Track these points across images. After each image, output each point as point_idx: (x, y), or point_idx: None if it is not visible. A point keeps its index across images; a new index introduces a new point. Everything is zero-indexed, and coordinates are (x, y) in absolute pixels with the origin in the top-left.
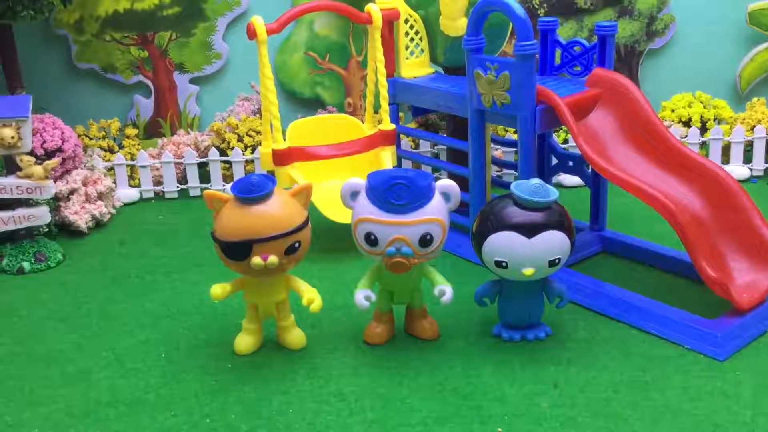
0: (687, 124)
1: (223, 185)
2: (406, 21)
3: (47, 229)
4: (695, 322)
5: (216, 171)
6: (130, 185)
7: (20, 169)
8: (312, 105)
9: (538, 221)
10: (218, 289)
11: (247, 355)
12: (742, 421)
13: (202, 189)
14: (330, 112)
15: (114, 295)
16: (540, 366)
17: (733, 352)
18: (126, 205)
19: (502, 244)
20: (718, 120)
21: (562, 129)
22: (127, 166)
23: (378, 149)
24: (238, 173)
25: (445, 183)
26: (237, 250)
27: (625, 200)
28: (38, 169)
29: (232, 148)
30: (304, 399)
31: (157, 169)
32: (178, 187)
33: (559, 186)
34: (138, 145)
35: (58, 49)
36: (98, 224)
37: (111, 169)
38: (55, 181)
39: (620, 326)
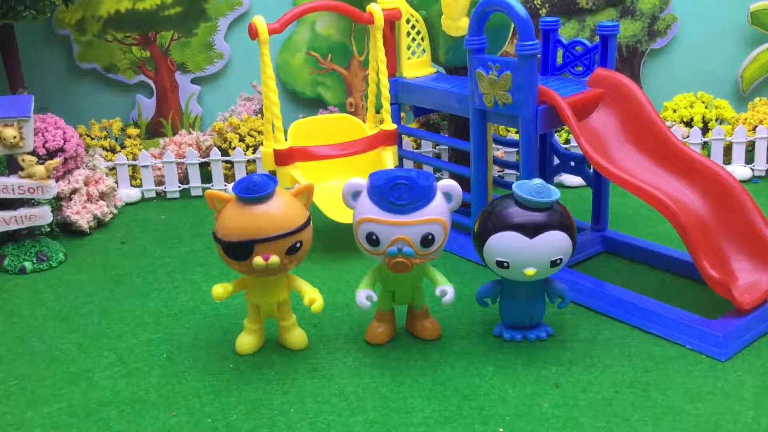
0: (689, 124)
1: (225, 185)
2: (408, 21)
3: (49, 229)
4: (697, 322)
5: (218, 171)
6: (132, 185)
7: (22, 169)
8: (313, 105)
9: (539, 221)
10: (220, 289)
11: (248, 354)
12: (743, 421)
13: (204, 189)
14: (331, 112)
15: (115, 295)
16: (541, 366)
17: (734, 353)
18: (128, 204)
19: (503, 244)
20: (720, 120)
21: (563, 129)
22: (129, 165)
23: (379, 149)
24: (240, 173)
25: (447, 183)
26: (238, 250)
27: (626, 200)
28: (40, 169)
29: (234, 148)
30: (305, 399)
31: (159, 169)
32: (179, 187)
33: (560, 186)
34: (140, 144)
35: (59, 49)
36: (100, 224)
37: (113, 168)
38: (56, 181)
39: (622, 326)
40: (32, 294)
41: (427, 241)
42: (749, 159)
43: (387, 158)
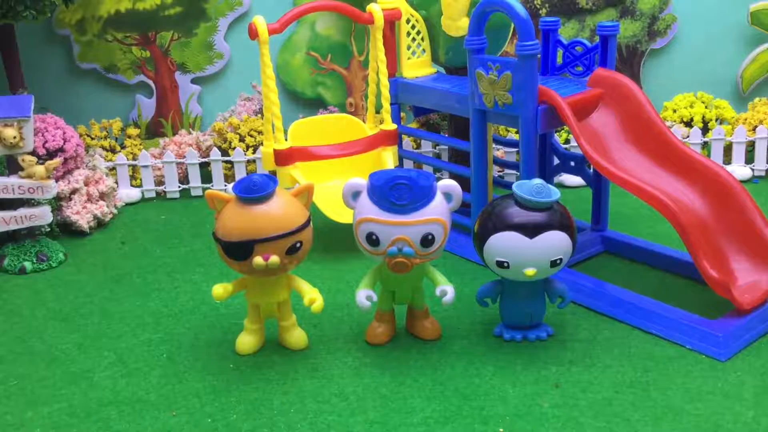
0: (689, 124)
1: (225, 185)
2: (408, 21)
3: (49, 229)
4: (697, 322)
5: (218, 171)
6: (132, 185)
7: (22, 169)
8: (313, 105)
9: (539, 221)
10: (220, 289)
11: (248, 354)
12: (743, 421)
13: (204, 189)
14: (331, 112)
15: (115, 295)
16: (541, 366)
17: (734, 353)
18: (128, 204)
19: (503, 244)
20: (720, 120)
21: (563, 129)
22: (129, 165)
23: (379, 149)
24: (240, 173)
25: (447, 183)
26: (238, 250)
27: (626, 200)
28: (40, 169)
29: (234, 148)
30: (305, 399)
31: (159, 169)
32: (179, 187)
33: (560, 186)
34: (140, 145)
35: (60, 49)
36: (100, 224)
37: (113, 168)
38: (56, 181)
39: (622, 326)
40: (32, 294)
41: (427, 241)
42: (749, 159)
43: (387, 158)
